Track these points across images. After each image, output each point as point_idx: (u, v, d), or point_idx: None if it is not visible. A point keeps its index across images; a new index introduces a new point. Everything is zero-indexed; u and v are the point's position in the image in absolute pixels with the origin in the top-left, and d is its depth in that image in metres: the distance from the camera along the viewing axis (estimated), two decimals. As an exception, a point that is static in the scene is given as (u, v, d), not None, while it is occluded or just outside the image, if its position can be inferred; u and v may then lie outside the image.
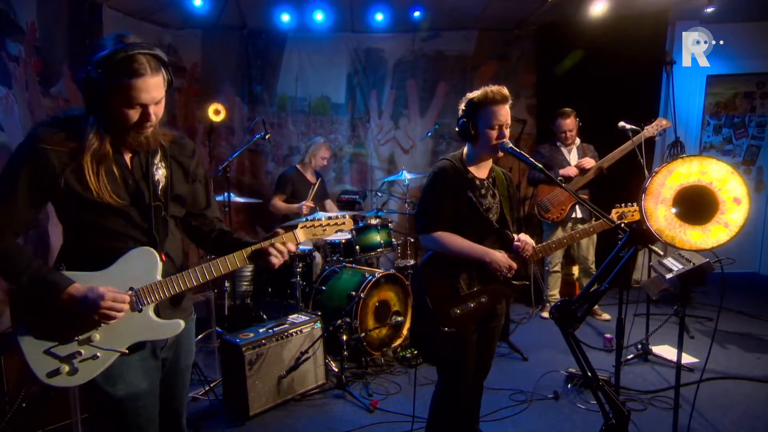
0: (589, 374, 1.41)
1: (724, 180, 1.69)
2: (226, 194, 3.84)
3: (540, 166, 2.13)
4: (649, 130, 4.11)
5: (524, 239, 2.27)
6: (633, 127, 3.92)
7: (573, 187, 4.46)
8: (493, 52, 5.99)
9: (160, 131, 1.63)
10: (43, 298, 1.50)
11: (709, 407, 3.15)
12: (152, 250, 1.63)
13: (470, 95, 2.23)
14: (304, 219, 1.87)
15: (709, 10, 5.26)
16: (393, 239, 4.39)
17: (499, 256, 2.21)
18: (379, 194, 5.04)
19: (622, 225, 1.82)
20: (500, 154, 2.24)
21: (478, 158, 2.29)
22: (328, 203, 5.00)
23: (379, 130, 6.04)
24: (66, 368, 1.53)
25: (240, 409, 3.07)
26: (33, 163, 1.47)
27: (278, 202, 4.68)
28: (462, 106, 2.26)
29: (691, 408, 2.74)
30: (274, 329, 3.28)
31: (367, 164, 6.09)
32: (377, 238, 4.29)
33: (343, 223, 1.95)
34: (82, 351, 1.55)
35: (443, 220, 2.22)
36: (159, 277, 1.62)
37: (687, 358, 3.77)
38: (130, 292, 1.57)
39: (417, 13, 5.44)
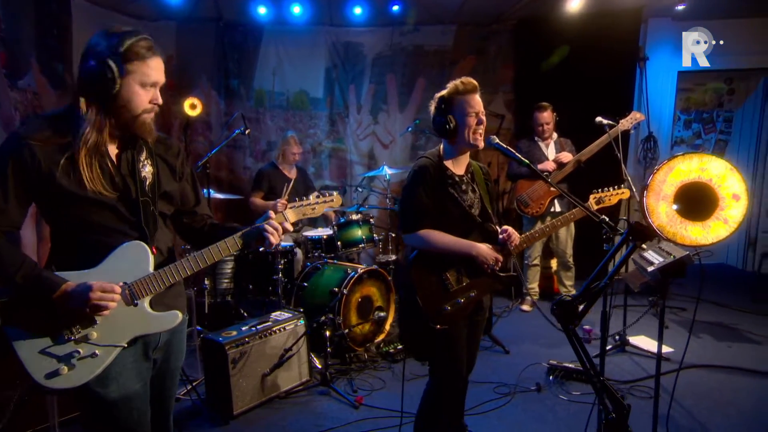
0: (591, 370, 1.41)
1: (724, 177, 1.72)
2: (205, 190, 3.76)
3: (527, 161, 2.15)
4: (624, 123, 4.18)
5: (509, 230, 2.29)
6: (610, 122, 3.98)
7: (552, 181, 4.51)
8: (472, 46, 6.01)
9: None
10: (37, 297, 1.48)
11: (686, 395, 3.24)
12: (143, 243, 1.62)
13: (439, 93, 2.26)
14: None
15: (680, 7, 5.40)
16: (375, 234, 4.38)
17: (486, 250, 2.22)
18: (360, 189, 5.02)
19: (603, 217, 1.85)
20: (480, 146, 2.24)
21: (456, 154, 2.30)
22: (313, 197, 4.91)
23: (358, 125, 6.01)
24: (65, 368, 1.50)
25: (224, 408, 3.02)
26: (19, 160, 1.46)
27: (256, 200, 4.61)
28: (434, 106, 2.28)
29: (670, 397, 2.82)
30: (257, 327, 3.24)
31: (347, 159, 6.05)
32: (359, 233, 4.27)
33: (332, 200, 1.97)
34: (80, 350, 1.53)
35: (427, 217, 2.22)
36: (151, 270, 1.62)
37: (664, 348, 3.86)
38: (121, 284, 1.56)
39: (396, 7, 5.42)
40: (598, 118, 4.00)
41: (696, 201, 1.68)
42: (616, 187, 2.52)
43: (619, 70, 5.57)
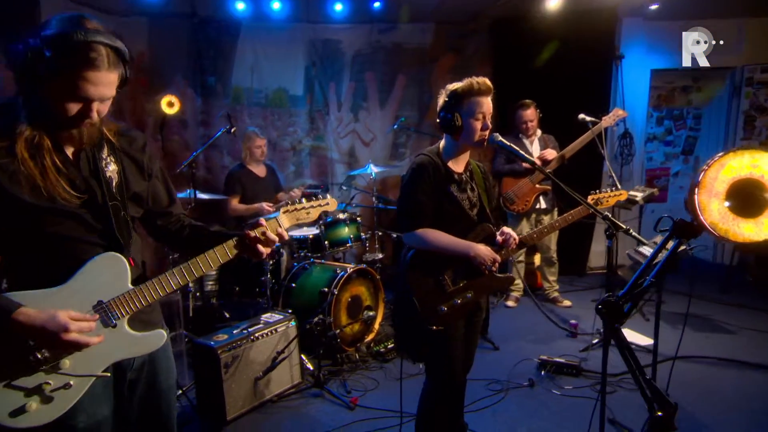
0: (637, 370, 1.43)
1: None
2: (191, 191, 3.65)
3: (531, 159, 2.18)
4: (607, 120, 4.29)
5: (507, 232, 2.29)
6: (593, 119, 4.07)
7: (537, 179, 4.58)
8: (450, 45, 6.03)
9: (102, 124, 1.46)
10: None
11: (673, 386, 3.33)
12: (118, 255, 1.44)
13: (452, 86, 2.19)
14: (274, 216, 1.70)
15: (653, 7, 5.56)
16: (362, 233, 4.36)
17: (483, 250, 2.22)
18: (344, 188, 4.98)
19: (606, 213, 1.89)
20: (480, 146, 2.25)
21: (457, 152, 2.28)
22: (281, 196, 4.78)
23: (338, 122, 5.96)
24: (33, 404, 1.30)
25: (216, 414, 2.96)
26: None
27: (236, 205, 4.48)
28: (443, 98, 2.22)
29: (666, 388, 2.90)
30: (249, 329, 3.18)
31: (327, 157, 6.00)
32: (346, 232, 4.25)
33: (327, 204, 1.83)
34: (51, 381, 1.33)
35: (426, 216, 2.20)
36: (130, 285, 1.44)
37: (646, 340, 3.99)
38: (96, 315, 1.39)
39: (377, 4, 5.40)
40: (581, 115, 4.09)
41: (748, 197, 1.72)
42: (613, 188, 2.57)
43: (596, 69, 5.69)
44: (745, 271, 5.82)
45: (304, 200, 1.77)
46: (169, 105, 4.53)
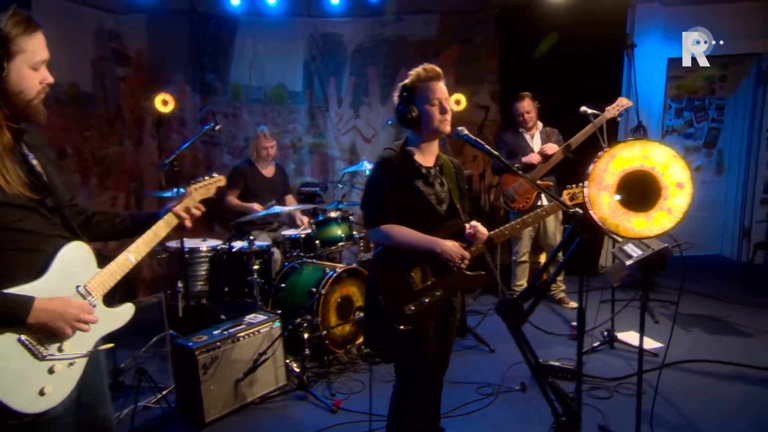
0: (538, 371, 1.41)
1: (667, 165, 1.69)
2: (176, 190, 3.68)
3: (496, 153, 2.12)
4: (611, 111, 4.17)
5: (475, 226, 2.25)
6: (595, 111, 3.97)
7: (538, 174, 4.50)
8: (456, 36, 5.97)
9: None
10: (7, 322, 1.38)
11: (675, 391, 3.23)
12: (82, 243, 1.59)
13: (403, 82, 2.23)
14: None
15: (669, -8, 5.39)
16: (354, 232, 4.35)
17: (451, 246, 2.18)
18: (340, 186, 4.98)
19: (576, 209, 1.83)
20: (446, 132, 2.20)
21: (422, 144, 2.26)
22: (289, 199, 4.87)
23: (339, 119, 5.96)
24: (49, 387, 1.45)
25: (195, 416, 2.99)
26: None
27: (232, 199, 4.54)
28: (397, 94, 2.25)
29: (654, 394, 2.81)
30: (230, 330, 3.20)
31: (328, 155, 6.00)
32: (338, 231, 4.24)
33: (219, 180, 2.13)
34: (57, 363, 1.49)
35: (391, 212, 2.18)
36: (97, 268, 1.62)
37: (652, 343, 3.87)
38: (81, 296, 1.56)
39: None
40: (583, 108, 3.99)
41: (639, 191, 1.64)
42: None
43: (606, 58, 5.55)
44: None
45: (206, 177, 2.08)
46: (164, 103, 4.59)
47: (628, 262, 2.37)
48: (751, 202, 6.32)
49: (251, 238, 3.86)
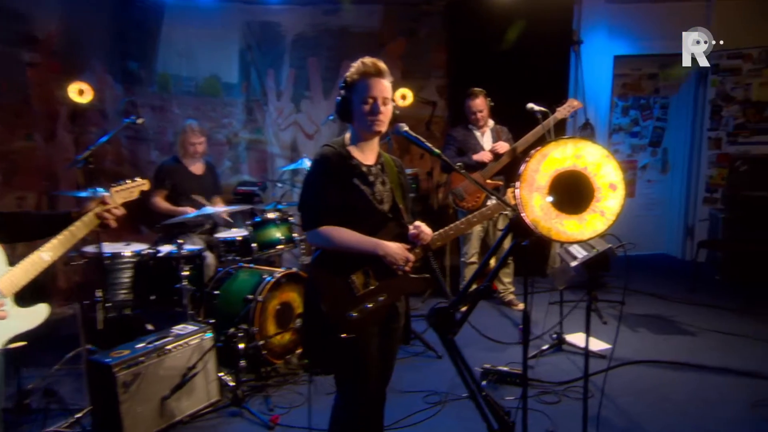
0: (472, 384, 1.40)
1: (599, 165, 1.71)
2: (95, 189, 3.46)
3: (437, 151, 2.11)
4: (561, 111, 4.28)
5: (419, 226, 2.23)
6: (542, 109, 4.05)
7: (488, 173, 4.55)
8: (401, 28, 5.98)
9: None
10: None
11: (622, 393, 3.34)
12: None
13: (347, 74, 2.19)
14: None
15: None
16: (295, 234, 4.26)
17: (394, 248, 2.15)
18: (280, 185, 4.87)
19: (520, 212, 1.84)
20: (378, 131, 2.15)
21: (361, 142, 2.22)
22: (216, 200, 4.65)
23: (278, 113, 5.84)
24: None
25: (114, 440, 2.82)
26: None
27: (160, 202, 4.31)
28: (340, 85, 2.21)
29: (600, 396, 2.89)
30: (155, 343, 3.05)
31: (267, 152, 5.88)
32: (276, 233, 4.14)
33: (143, 184, 2.27)
34: None
35: (329, 212, 2.13)
36: (7, 266, 1.70)
37: (600, 345, 3.99)
38: None
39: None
40: (530, 105, 4.06)
41: (572, 192, 1.65)
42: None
43: (553, 55, 5.71)
44: (714, 270, 5.92)
45: (128, 180, 2.16)
46: (80, 93, 4.35)
47: (573, 264, 2.41)
48: (694, 201, 6.65)
49: (180, 241, 3.70)
